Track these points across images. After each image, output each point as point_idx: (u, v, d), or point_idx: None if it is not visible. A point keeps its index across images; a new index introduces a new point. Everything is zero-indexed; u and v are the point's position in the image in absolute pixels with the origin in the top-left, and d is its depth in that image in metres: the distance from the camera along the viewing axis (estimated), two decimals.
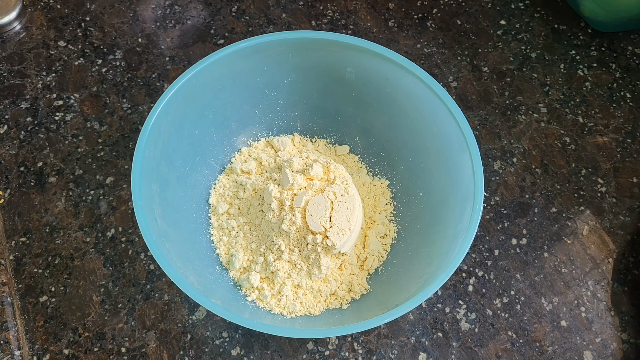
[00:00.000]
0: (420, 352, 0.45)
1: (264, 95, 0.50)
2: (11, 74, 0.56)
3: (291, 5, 0.62)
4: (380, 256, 0.47)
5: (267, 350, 0.44)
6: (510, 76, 0.58)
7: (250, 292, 0.45)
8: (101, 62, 0.58)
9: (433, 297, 0.47)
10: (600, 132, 0.56)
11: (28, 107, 0.55)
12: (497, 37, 0.61)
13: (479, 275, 0.48)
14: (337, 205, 0.43)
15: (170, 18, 0.61)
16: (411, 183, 0.49)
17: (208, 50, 0.59)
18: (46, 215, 0.49)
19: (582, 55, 0.60)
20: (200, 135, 0.48)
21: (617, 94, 0.58)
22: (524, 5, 0.63)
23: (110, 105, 0.55)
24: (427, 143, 0.47)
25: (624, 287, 0.48)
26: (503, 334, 0.46)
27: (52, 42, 0.59)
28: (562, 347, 0.45)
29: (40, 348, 0.44)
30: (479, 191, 0.41)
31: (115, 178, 0.51)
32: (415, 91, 0.46)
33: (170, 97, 0.44)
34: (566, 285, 0.48)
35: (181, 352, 0.44)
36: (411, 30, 0.61)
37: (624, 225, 0.51)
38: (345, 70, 0.48)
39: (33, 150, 0.52)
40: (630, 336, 0.46)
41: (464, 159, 0.43)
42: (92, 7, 0.61)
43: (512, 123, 0.56)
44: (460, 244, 0.39)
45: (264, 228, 0.45)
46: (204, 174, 0.49)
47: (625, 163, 0.54)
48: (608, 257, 0.49)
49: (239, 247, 0.46)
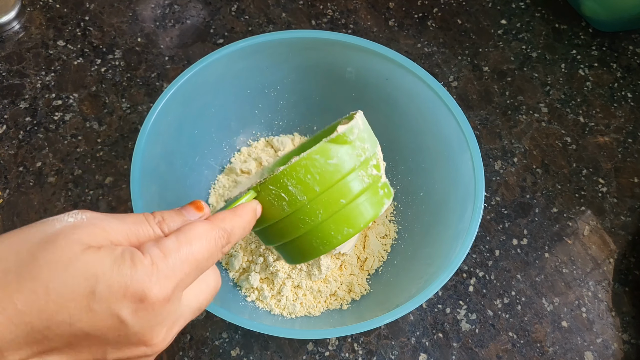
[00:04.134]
0: (421, 353, 0.44)
1: (264, 95, 0.50)
2: (10, 73, 0.56)
3: (291, 5, 0.62)
4: (381, 257, 0.47)
5: (267, 350, 0.44)
6: (511, 76, 0.58)
7: (250, 293, 0.44)
8: (100, 62, 0.57)
9: (433, 298, 0.47)
10: (601, 132, 0.55)
11: (27, 107, 0.54)
12: (497, 36, 0.61)
13: (480, 275, 0.48)
14: None
15: (169, 17, 0.61)
16: (411, 183, 0.49)
17: (207, 49, 0.58)
18: (45, 215, 0.49)
19: (583, 54, 0.60)
20: (199, 135, 0.48)
21: (618, 94, 0.57)
22: (525, 4, 0.63)
23: (109, 105, 0.55)
24: (427, 143, 0.47)
25: (625, 287, 0.48)
26: (504, 334, 0.46)
27: (51, 42, 0.58)
28: (563, 347, 0.45)
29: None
30: (479, 191, 0.41)
31: (114, 178, 0.51)
32: (415, 91, 0.46)
33: (170, 97, 0.43)
34: (567, 286, 0.48)
35: (180, 353, 0.44)
36: (411, 30, 0.61)
37: (625, 225, 0.51)
38: (345, 70, 0.48)
39: (32, 150, 0.52)
40: (631, 337, 0.46)
41: (464, 158, 0.43)
42: (92, 6, 0.61)
43: (512, 123, 0.55)
44: (461, 244, 0.39)
45: None
46: (204, 174, 0.49)
47: (626, 163, 0.54)
48: (609, 258, 0.49)
49: (239, 247, 0.45)
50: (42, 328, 0.22)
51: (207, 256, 0.27)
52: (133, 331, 0.24)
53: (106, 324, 0.23)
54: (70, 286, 0.23)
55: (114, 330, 0.24)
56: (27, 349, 0.23)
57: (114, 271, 0.23)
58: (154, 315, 0.25)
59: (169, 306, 0.25)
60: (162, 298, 0.24)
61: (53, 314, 0.22)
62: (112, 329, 0.24)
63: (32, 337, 0.22)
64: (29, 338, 0.22)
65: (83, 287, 0.23)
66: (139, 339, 0.25)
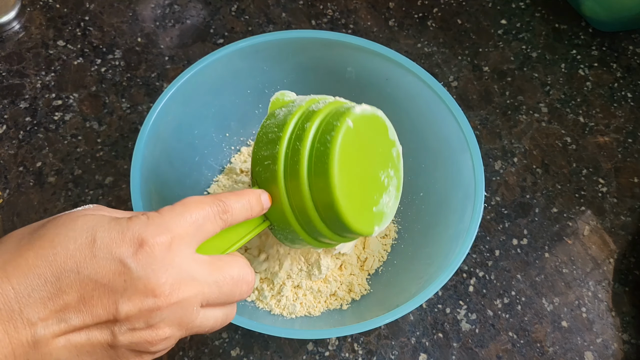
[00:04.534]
0: (421, 353, 0.44)
1: (264, 95, 0.50)
2: (10, 73, 0.56)
3: (291, 5, 0.62)
4: (381, 257, 0.47)
5: (267, 351, 0.44)
6: (511, 76, 0.58)
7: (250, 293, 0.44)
8: (100, 62, 0.57)
9: (433, 298, 0.47)
10: (601, 132, 0.55)
11: (27, 107, 0.54)
12: (497, 36, 0.61)
13: (480, 275, 0.48)
14: None
15: (169, 17, 0.61)
16: (411, 183, 0.49)
17: (207, 49, 0.58)
18: (45, 216, 0.49)
19: (583, 54, 0.60)
20: (199, 135, 0.48)
21: (618, 94, 0.57)
22: (525, 4, 0.63)
23: (109, 105, 0.55)
24: (427, 143, 0.47)
25: (625, 287, 0.48)
26: (504, 334, 0.46)
27: (51, 42, 0.58)
28: (563, 347, 0.45)
29: None
30: (479, 191, 0.41)
31: (114, 178, 0.51)
32: (415, 91, 0.46)
33: (170, 97, 0.43)
34: (567, 286, 0.48)
35: (180, 353, 0.44)
36: (412, 30, 0.61)
37: (625, 225, 0.51)
38: (345, 70, 0.48)
39: (32, 150, 0.52)
40: (631, 337, 0.46)
41: (464, 158, 0.43)
42: (91, 6, 0.61)
43: (512, 123, 0.55)
44: (461, 244, 0.39)
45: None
46: (204, 174, 0.49)
47: (627, 163, 0.54)
48: (609, 258, 0.49)
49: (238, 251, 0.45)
50: (53, 279, 0.25)
51: (202, 215, 0.28)
52: (137, 275, 0.25)
53: (110, 268, 0.25)
54: (73, 238, 0.25)
55: (119, 275, 0.25)
56: (43, 307, 0.24)
57: (112, 224, 0.26)
58: (154, 259, 0.26)
59: (170, 255, 0.26)
60: (161, 243, 0.26)
61: (61, 263, 0.25)
62: (117, 274, 0.25)
63: (46, 290, 0.24)
64: (43, 292, 0.24)
65: (85, 237, 0.25)
66: (145, 286, 0.26)
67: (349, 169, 0.32)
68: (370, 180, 0.33)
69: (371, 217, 0.33)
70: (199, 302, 0.28)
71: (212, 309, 0.29)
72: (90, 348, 0.26)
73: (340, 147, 0.31)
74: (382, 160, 0.34)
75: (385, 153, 0.35)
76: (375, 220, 0.33)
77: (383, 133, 0.35)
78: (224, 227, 0.30)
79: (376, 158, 0.34)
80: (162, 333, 0.26)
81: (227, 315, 0.30)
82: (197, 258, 0.28)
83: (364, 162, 0.33)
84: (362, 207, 0.33)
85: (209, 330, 0.30)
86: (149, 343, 0.26)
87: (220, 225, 0.29)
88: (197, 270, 0.27)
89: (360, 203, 0.33)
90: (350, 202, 0.32)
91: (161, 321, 0.26)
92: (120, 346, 0.26)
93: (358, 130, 0.32)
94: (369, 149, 0.33)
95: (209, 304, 0.28)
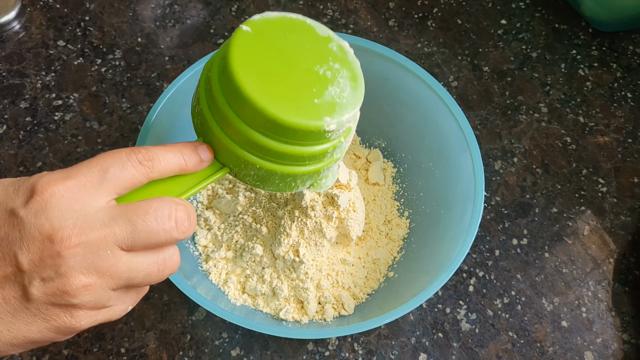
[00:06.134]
0: (421, 353, 0.44)
1: None
2: (10, 73, 0.56)
3: (291, 5, 0.62)
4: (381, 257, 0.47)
5: (267, 350, 0.44)
6: (511, 76, 0.58)
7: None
8: (100, 62, 0.57)
9: (433, 298, 0.47)
10: (601, 132, 0.55)
11: (27, 107, 0.55)
12: (497, 36, 0.61)
13: (480, 275, 0.48)
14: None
15: (169, 17, 0.61)
16: (412, 183, 0.49)
17: (208, 49, 0.59)
18: None
19: (583, 54, 0.60)
20: None
21: (618, 94, 0.57)
22: (525, 4, 0.63)
23: (109, 105, 0.55)
24: (427, 143, 0.47)
25: (624, 287, 0.48)
26: (504, 334, 0.46)
27: (51, 42, 0.58)
28: (563, 347, 0.45)
29: (40, 348, 0.44)
30: (479, 191, 0.41)
31: None
32: (415, 91, 0.46)
33: (170, 97, 0.43)
34: (567, 286, 0.48)
35: (180, 353, 0.44)
36: (412, 30, 0.61)
37: (625, 225, 0.51)
38: None
39: (32, 150, 0.52)
40: (631, 337, 0.46)
41: (464, 158, 0.43)
42: (92, 6, 0.61)
43: (512, 123, 0.56)
44: (461, 244, 0.39)
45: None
46: None
47: (626, 163, 0.54)
48: (609, 258, 0.49)
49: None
50: None
51: (113, 162, 0.27)
52: (29, 223, 0.25)
53: (5, 221, 0.25)
54: None
55: (13, 227, 0.25)
56: None
57: (13, 182, 0.27)
58: (47, 207, 0.25)
59: (68, 202, 0.26)
60: (54, 190, 0.26)
61: None
62: (11, 226, 0.25)
63: None
64: None
65: None
66: (40, 233, 0.25)
67: (261, 69, 0.32)
68: (301, 76, 0.33)
69: (315, 109, 0.32)
70: (112, 245, 0.26)
71: (142, 254, 0.27)
72: (6, 304, 0.25)
73: (236, 50, 0.31)
74: (316, 56, 0.34)
75: (319, 48, 0.34)
76: (322, 111, 0.32)
77: (307, 31, 0.35)
78: (150, 175, 0.28)
79: (304, 54, 0.34)
80: (76, 281, 0.25)
81: (165, 260, 0.28)
82: (109, 204, 0.27)
83: (284, 60, 0.33)
84: (296, 101, 0.32)
85: (150, 278, 0.28)
86: (66, 293, 0.25)
87: (143, 173, 0.28)
88: (104, 213, 0.26)
89: (291, 98, 0.32)
90: (273, 97, 0.31)
91: (70, 268, 0.25)
92: (36, 300, 0.25)
93: (262, 34, 0.33)
94: (290, 47, 0.34)
95: (132, 248, 0.27)
